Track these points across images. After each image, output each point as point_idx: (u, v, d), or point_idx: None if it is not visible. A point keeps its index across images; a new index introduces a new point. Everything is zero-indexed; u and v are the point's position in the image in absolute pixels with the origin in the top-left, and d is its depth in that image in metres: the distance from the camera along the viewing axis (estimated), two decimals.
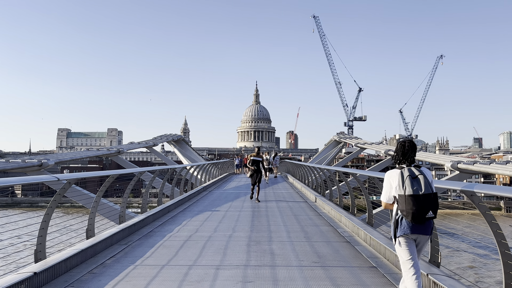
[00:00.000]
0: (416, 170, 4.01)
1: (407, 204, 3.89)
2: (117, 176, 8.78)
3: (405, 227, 3.99)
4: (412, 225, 3.97)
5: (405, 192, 3.91)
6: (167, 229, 9.25)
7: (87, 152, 19.83)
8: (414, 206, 3.86)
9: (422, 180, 3.93)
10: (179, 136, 38.12)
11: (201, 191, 18.87)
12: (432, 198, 3.89)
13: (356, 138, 34.58)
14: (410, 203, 3.88)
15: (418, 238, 4.04)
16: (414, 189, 3.89)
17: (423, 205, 3.86)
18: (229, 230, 9.12)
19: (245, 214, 11.72)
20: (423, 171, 4.01)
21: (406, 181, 3.95)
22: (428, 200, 3.88)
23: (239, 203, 14.80)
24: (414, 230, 3.98)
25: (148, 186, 11.68)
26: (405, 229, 3.99)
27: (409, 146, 4.20)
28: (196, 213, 11.94)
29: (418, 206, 3.86)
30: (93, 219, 8.03)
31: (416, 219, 3.89)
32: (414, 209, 3.86)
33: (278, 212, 12.17)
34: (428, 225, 4.00)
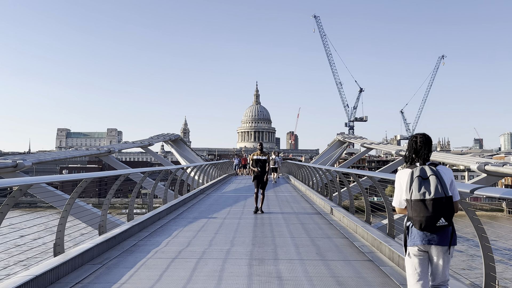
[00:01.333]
0: (429, 170, 3.46)
1: (414, 210, 3.40)
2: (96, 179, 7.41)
3: (415, 237, 3.47)
4: (423, 234, 3.44)
5: (411, 196, 3.42)
6: (154, 242, 7.85)
7: (74, 152, 18.33)
8: (421, 213, 3.36)
9: (433, 182, 3.39)
10: (177, 136, 36.66)
11: (198, 194, 17.49)
12: (444, 202, 3.34)
13: (361, 138, 33.23)
14: (417, 209, 3.38)
15: (431, 250, 3.46)
16: (421, 193, 3.38)
17: (433, 211, 3.33)
18: (226, 244, 7.72)
19: (245, 223, 10.32)
20: (438, 171, 3.46)
21: (414, 183, 3.44)
22: (439, 206, 3.33)
23: (239, 208, 13.40)
24: (425, 241, 3.45)
25: (135, 190, 10.29)
26: (415, 239, 3.48)
27: (422, 141, 3.68)
28: (190, 221, 10.54)
29: (426, 212, 3.34)
30: (62, 231, 6.66)
31: (425, 228, 3.38)
32: (421, 216, 3.36)
33: (282, 220, 10.79)
34: (443, 234, 3.42)
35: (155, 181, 12.31)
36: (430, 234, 3.44)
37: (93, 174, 7.13)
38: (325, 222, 10.52)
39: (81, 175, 6.63)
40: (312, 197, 16.46)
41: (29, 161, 12.65)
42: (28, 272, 5.03)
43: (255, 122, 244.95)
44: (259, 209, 12.00)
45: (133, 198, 10.23)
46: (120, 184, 9.00)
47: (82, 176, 6.69)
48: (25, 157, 13.18)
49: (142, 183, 10.88)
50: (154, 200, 12.98)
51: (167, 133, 36.04)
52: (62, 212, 6.66)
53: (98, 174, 7.24)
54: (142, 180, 10.61)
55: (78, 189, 6.79)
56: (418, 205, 3.40)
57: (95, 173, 7.27)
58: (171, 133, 36.58)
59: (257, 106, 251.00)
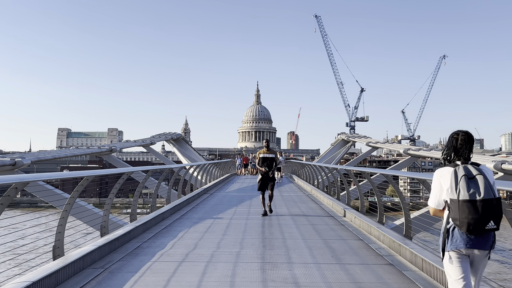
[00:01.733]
0: (474, 169, 3.21)
1: (462, 211, 3.10)
2: (98, 177, 7.01)
3: (458, 240, 3.21)
4: (467, 237, 3.18)
5: (458, 197, 3.13)
6: (159, 244, 7.44)
7: (75, 151, 17.86)
8: (470, 215, 3.07)
9: (481, 182, 3.14)
10: (179, 135, 36.21)
11: (202, 193, 17.07)
12: (495, 204, 3.09)
13: (365, 137, 32.77)
14: (466, 210, 3.08)
15: (473, 254, 3.22)
16: (471, 193, 3.11)
17: (483, 213, 3.06)
18: (235, 246, 7.30)
19: (253, 223, 9.90)
20: (482, 170, 3.22)
21: (461, 182, 3.16)
22: (489, 207, 3.06)
23: (245, 208, 12.98)
24: (469, 244, 3.18)
25: (138, 189, 9.89)
26: (457, 242, 3.21)
27: (464, 139, 3.39)
28: (196, 221, 10.13)
29: (475, 214, 3.06)
30: (62, 233, 6.27)
31: (473, 231, 3.10)
32: (470, 218, 3.07)
33: (291, 221, 10.37)
34: (487, 238, 3.18)
35: (158, 180, 11.88)
36: (474, 238, 3.18)
37: (95, 172, 6.73)
38: (336, 223, 10.10)
39: (82, 173, 6.22)
40: (318, 197, 16.04)
41: (28, 159, 12.22)
42: (25, 278, 4.63)
43: (255, 122, 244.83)
44: (267, 211, 11.01)
45: (136, 198, 9.82)
46: (121, 184, 8.61)
47: (83, 174, 6.28)
48: (24, 155, 12.73)
49: (145, 183, 10.46)
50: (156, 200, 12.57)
51: (168, 132, 35.60)
52: (61, 213, 6.25)
53: (99, 172, 6.83)
54: (145, 179, 10.19)
55: (78, 188, 6.39)
56: (467, 206, 3.11)
57: (96, 171, 6.86)
58: (173, 132, 36.18)
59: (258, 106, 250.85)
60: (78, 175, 6.04)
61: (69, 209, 6.40)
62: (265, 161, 11.19)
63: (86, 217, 11.26)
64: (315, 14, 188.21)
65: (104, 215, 8.05)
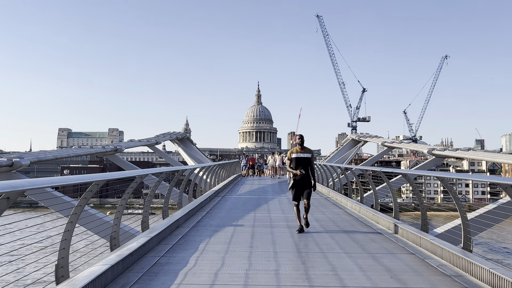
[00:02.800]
0: None
1: None
2: (106, 182, 5.93)
3: None
4: None
5: None
6: (179, 260, 6.34)
7: (78, 150, 16.70)
8: None
9: None
10: (184, 134, 35.05)
11: (213, 196, 15.96)
12: None
13: (377, 137, 31.60)
14: None
15: None
16: None
17: None
18: (270, 263, 6.18)
19: (279, 232, 8.79)
20: None
21: None
22: None
23: (264, 213, 11.87)
24: None
25: (150, 194, 8.79)
26: None
27: None
28: (214, 230, 9.03)
29: None
30: (66, 250, 5.19)
31: None
32: None
33: (320, 228, 9.27)
34: None
35: (170, 183, 10.79)
36: None
37: (105, 175, 5.63)
38: (371, 230, 9.01)
39: (90, 177, 5.13)
40: (339, 200, 14.94)
41: (27, 160, 11.11)
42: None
43: (256, 122, 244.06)
44: (304, 226, 8.85)
45: (148, 203, 8.71)
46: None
47: (92, 179, 5.17)
48: (23, 155, 11.62)
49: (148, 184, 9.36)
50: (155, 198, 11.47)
51: (173, 132, 34.44)
52: (66, 225, 5.16)
53: (110, 175, 5.74)
54: (158, 183, 9.10)
55: (87, 194, 5.29)
56: None
57: (107, 174, 5.76)
58: (177, 131, 35.04)
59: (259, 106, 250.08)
60: (86, 180, 4.94)
61: (75, 220, 5.31)
62: (299, 163, 9.02)
63: (91, 222, 10.16)
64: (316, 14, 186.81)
65: (115, 224, 6.97)
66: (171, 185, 10.70)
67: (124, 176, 6.46)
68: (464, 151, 17.74)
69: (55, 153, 14.41)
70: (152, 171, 8.24)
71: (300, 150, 9.13)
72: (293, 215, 11.37)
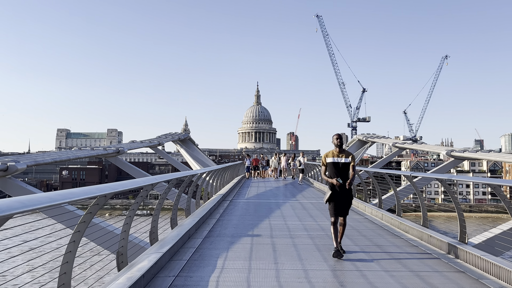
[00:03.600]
0: None
1: None
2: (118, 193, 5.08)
3: None
4: None
5: None
6: (197, 280, 5.49)
7: (78, 152, 15.74)
8: None
9: None
10: (186, 135, 34.12)
11: (221, 201, 15.12)
12: None
13: (384, 137, 30.81)
14: None
15: None
16: None
17: None
18: (303, 285, 5.34)
19: (303, 244, 7.94)
20: None
21: None
22: None
23: (279, 220, 11.02)
24: None
25: (160, 203, 7.93)
26: None
27: None
28: (230, 241, 8.19)
29: None
30: (68, 274, 4.35)
31: None
32: None
33: (346, 238, 8.43)
34: None
35: (179, 189, 9.92)
36: None
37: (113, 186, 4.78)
38: (404, 242, 8.16)
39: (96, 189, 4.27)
40: (355, 205, 14.09)
41: (23, 163, 10.21)
42: None
43: (255, 122, 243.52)
44: (340, 249, 6.84)
45: (157, 212, 7.84)
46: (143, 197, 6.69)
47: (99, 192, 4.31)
48: (19, 158, 10.72)
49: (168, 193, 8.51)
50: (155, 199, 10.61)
51: (175, 132, 33.54)
52: (68, 245, 4.32)
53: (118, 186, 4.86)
54: (168, 189, 8.25)
55: (93, 208, 4.45)
56: None
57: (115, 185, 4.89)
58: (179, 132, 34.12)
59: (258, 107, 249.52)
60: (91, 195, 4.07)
61: (79, 239, 4.48)
62: (337, 169, 7.07)
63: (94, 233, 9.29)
64: (316, 14, 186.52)
65: (122, 238, 6.11)
66: (180, 191, 9.84)
67: (132, 187, 5.58)
68: (485, 153, 16.91)
69: (54, 156, 13.47)
70: (163, 178, 7.39)
71: (338, 154, 7.17)
72: (312, 223, 10.60)
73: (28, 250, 4.45)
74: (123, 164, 19.93)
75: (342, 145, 7.20)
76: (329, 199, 7.09)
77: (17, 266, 29.10)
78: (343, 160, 7.15)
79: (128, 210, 6.26)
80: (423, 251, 7.34)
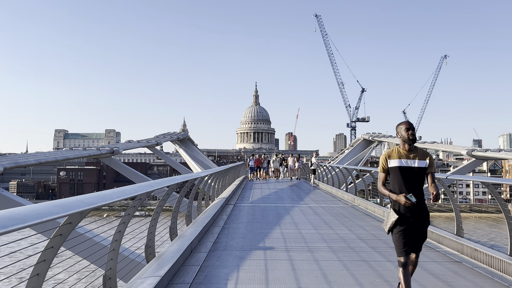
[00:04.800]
0: None
1: None
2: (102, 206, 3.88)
3: None
4: None
5: None
6: None
7: (68, 153, 14.42)
8: None
9: None
10: (184, 135, 32.87)
11: (224, 205, 13.92)
12: None
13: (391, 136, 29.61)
14: None
15: None
16: None
17: None
18: None
19: (325, 259, 6.77)
20: None
21: None
22: None
23: (291, 229, 9.83)
24: None
25: (157, 211, 6.74)
26: None
27: None
28: (239, 256, 7.01)
29: None
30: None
31: None
32: None
33: (372, 250, 7.27)
34: None
35: (180, 194, 8.73)
36: None
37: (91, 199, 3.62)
38: (443, 257, 7.01)
39: (66, 206, 3.08)
40: (371, 209, 12.91)
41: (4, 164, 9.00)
42: None
43: (254, 123, 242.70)
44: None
45: (154, 222, 6.62)
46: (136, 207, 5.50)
47: (69, 209, 3.12)
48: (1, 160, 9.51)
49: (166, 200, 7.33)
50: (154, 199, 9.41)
51: (173, 132, 32.29)
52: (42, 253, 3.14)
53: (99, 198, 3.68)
54: (167, 195, 7.06)
55: (62, 230, 3.26)
56: None
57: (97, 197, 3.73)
58: (178, 132, 32.93)
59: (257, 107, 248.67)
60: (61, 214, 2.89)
61: (52, 257, 3.29)
62: (408, 179, 4.49)
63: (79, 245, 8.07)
64: (315, 14, 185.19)
65: (110, 259, 4.91)
66: (180, 196, 8.64)
67: (120, 198, 4.41)
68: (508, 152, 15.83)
69: (39, 157, 12.13)
70: (160, 185, 6.24)
71: (408, 154, 4.55)
72: (328, 231, 9.42)
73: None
74: (118, 165, 18.65)
75: (415, 140, 4.56)
76: (394, 226, 4.46)
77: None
78: (416, 164, 4.47)
79: (118, 224, 5.07)
80: (448, 258, 6.17)
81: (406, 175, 4.45)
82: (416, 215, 4.40)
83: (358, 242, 8.18)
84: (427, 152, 4.74)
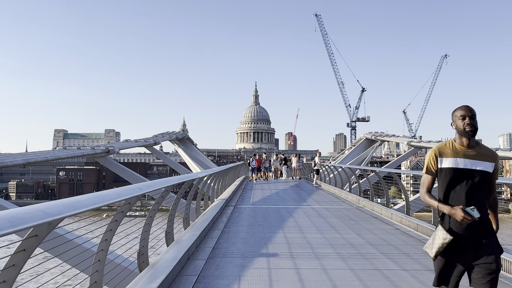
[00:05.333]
0: None
1: None
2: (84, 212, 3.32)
3: None
4: None
5: None
6: None
7: (60, 153, 13.77)
8: None
9: None
10: (184, 134, 32.32)
11: (223, 207, 13.35)
12: None
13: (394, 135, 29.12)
14: None
15: None
16: None
17: None
18: None
19: (334, 267, 6.20)
20: None
21: None
22: None
23: (295, 233, 9.26)
24: None
25: (151, 215, 6.17)
26: None
27: None
28: (241, 264, 6.44)
29: None
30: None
31: None
32: None
33: (384, 257, 6.71)
34: None
35: (177, 195, 8.18)
36: None
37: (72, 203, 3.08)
38: None
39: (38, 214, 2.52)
40: (377, 211, 12.33)
41: None
42: None
43: (254, 122, 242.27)
44: None
45: (147, 227, 6.05)
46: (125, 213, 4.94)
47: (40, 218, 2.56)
48: None
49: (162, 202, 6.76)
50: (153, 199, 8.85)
51: (172, 131, 31.73)
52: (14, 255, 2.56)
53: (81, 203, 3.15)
54: (162, 198, 6.50)
55: (29, 243, 2.69)
56: None
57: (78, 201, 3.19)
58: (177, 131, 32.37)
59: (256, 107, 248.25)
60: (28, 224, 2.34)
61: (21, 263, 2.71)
62: (464, 184, 3.19)
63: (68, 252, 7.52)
64: (315, 13, 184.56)
65: (96, 271, 4.35)
66: (177, 197, 8.08)
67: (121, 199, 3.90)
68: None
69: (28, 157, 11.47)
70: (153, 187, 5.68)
71: (468, 151, 3.30)
72: (335, 236, 8.86)
73: None
74: (113, 165, 18.06)
75: (475, 131, 3.36)
76: (446, 251, 3.15)
77: None
78: (481, 167, 3.24)
79: (105, 231, 4.50)
80: None
81: (463, 181, 3.19)
82: (475, 237, 3.11)
83: (368, 247, 7.61)
84: (494, 150, 3.47)
